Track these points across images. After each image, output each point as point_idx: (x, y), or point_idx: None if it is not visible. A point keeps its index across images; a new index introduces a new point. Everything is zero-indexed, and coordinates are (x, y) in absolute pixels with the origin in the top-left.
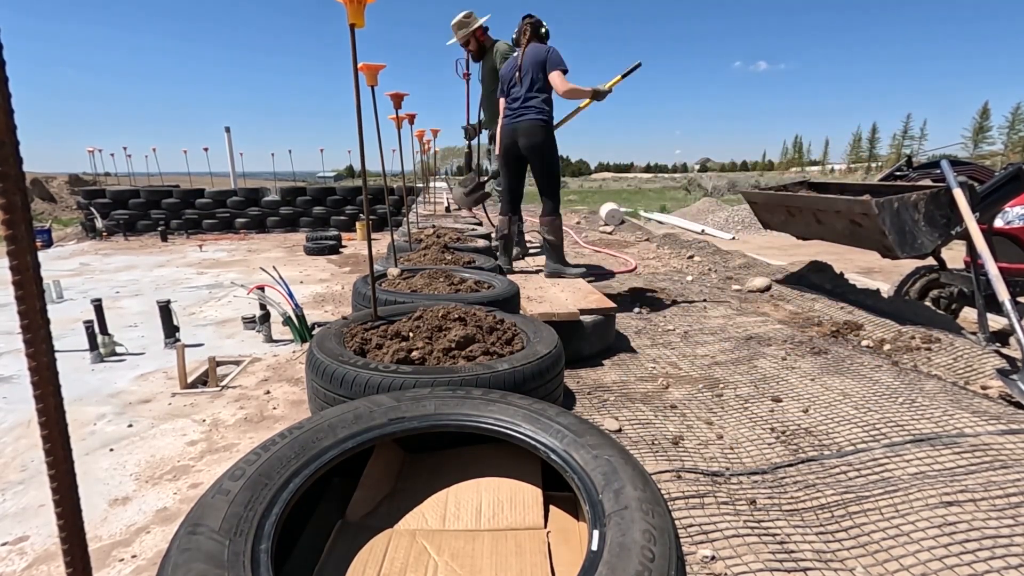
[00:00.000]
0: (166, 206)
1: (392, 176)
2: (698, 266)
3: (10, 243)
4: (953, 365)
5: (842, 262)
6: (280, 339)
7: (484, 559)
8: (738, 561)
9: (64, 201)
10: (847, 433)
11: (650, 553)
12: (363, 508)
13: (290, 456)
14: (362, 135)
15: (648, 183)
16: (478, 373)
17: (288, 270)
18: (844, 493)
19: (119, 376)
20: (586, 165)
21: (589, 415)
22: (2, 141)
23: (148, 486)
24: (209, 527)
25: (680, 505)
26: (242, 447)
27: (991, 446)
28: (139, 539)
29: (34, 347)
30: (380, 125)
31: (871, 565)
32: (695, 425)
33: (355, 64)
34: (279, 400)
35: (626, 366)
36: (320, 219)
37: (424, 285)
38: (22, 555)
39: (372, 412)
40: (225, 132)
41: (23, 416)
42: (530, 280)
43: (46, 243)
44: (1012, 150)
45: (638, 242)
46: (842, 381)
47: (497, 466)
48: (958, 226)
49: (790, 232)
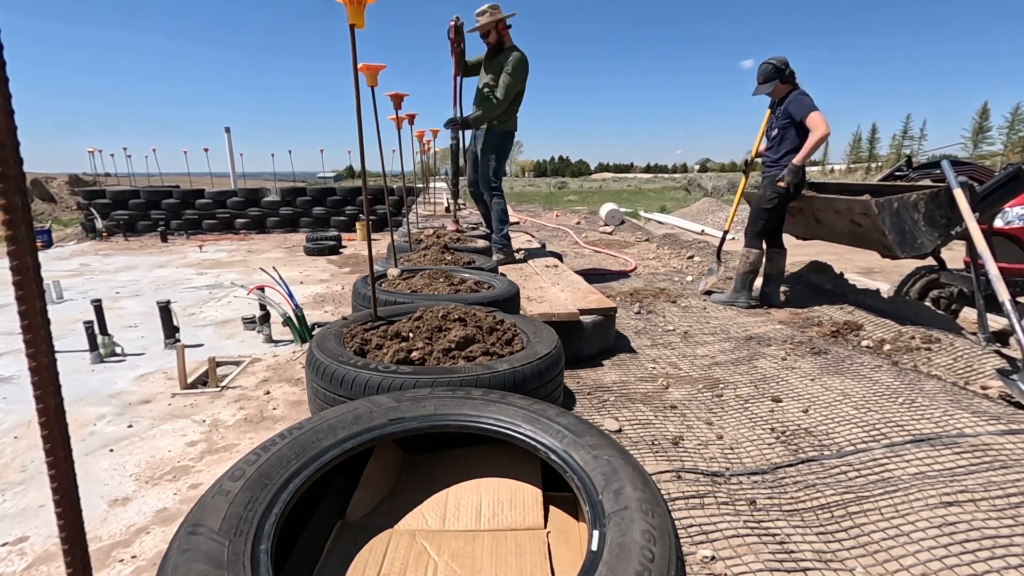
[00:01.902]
0: (166, 207)
1: (392, 176)
2: (698, 266)
3: (10, 243)
4: (953, 365)
5: (842, 262)
6: (280, 339)
7: (484, 559)
8: (738, 561)
9: (64, 201)
10: (847, 433)
11: (650, 553)
12: (363, 508)
13: (290, 456)
14: (362, 135)
15: (648, 183)
16: (478, 373)
17: (288, 270)
18: (844, 493)
19: (119, 376)
20: (586, 165)
21: (589, 415)
22: (2, 142)
23: (148, 486)
24: (209, 527)
25: (680, 505)
26: (242, 447)
27: (991, 446)
28: (139, 539)
29: (34, 347)
30: (380, 125)
31: (871, 565)
32: (695, 425)
33: (355, 64)
34: (279, 400)
35: (626, 366)
36: (320, 219)
37: (424, 285)
38: (22, 555)
39: (372, 412)
40: (225, 132)
41: (23, 416)
42: (530, 280)
43: (46, 243)
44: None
45: (638, 242)
46: (842, 381)
47: (497, 466)
48: (958, 226)
49: (790, 232)
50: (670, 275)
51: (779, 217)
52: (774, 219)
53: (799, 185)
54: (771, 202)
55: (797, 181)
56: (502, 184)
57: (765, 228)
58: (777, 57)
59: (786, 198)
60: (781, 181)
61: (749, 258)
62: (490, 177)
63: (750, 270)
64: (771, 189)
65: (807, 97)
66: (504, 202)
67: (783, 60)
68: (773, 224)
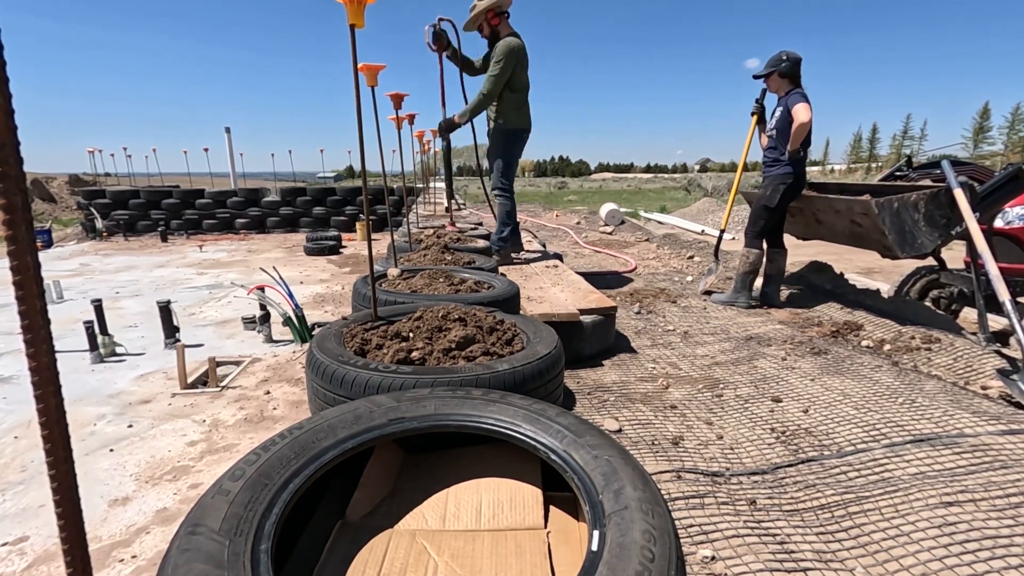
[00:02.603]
0: (166, 206)
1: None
2: (698, 266)
3: (10, 243)
4: (953, 365)
5: (842, 262)
6: (280, 339)
7: (484, 559)
8: (738, 561)
9: (64, 201)
10: (847, 433)
11: (650, 553)
12: (363, 508)
13: (290, 456)
14: (362, 135)
15: (648, 183)
16: (478, 373)
17: (288, 270)
18: (844, 493)
19: (119, 376)
20: (586, 165)
21: (589, 415)
22: (2, 141)
23: (148, 486)
24: (209, 527)
25: (680, 505)
26: (242, 447)
27: (991, 446)
28: (139, 539)
29: (34, 347)
30: (380, 125)
31: (871, 565)
32: (695, 425)
33: (355, 64)
34: (279, 400)
35: (626, 366)
36: (320, 219)
37: (424, 285)
38: (22, 555)
39: (372, 412)
40: (225, 132)
41: (23, 416)
42: (530, 280)
43: (46, 243)
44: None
45: (638, 242)
46: (842, 381)
47: (497, 466)
48: (958, 226)
49: (790, 232)
50: (670, 275)
51: (779, 217)
52: (774, 219)
53: (799, 185)
54: (771, 201)
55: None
56: (512, 185)
57: (765, 228)
58: (790, 52)
59: (787, 197)
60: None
61: (749, 258)
62: (496, 179)
63: (750, 270)
64: (771, 189)
65: (802, 95)
66: (510, 203)
67: (790, 55)
68: (773, 224)
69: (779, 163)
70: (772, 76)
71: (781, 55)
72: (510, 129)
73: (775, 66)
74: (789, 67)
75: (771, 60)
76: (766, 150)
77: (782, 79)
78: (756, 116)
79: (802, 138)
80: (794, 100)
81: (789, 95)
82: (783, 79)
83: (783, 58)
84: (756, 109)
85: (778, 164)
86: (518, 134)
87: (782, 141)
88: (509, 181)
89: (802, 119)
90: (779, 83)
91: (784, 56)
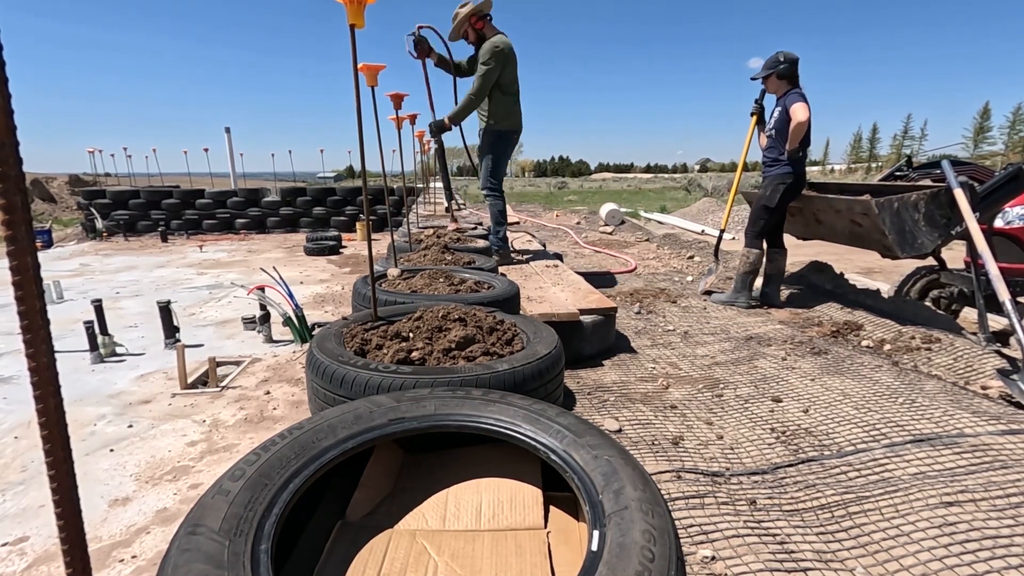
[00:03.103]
0: (166, 207)
1: (392, 176)
2: (698, 266)
3: (10, 243)
4: (953, 365)
5: (842, 262)
6: (280, 339)
7: (484, 559)
8: (738, 561)
9: (64, 201)
10: (847, 433)
11: (650, 553)
12: (363, 508)
13: (290, 456)
14: (362, 135)
15: (648, 183)
16: (478, 373)
17: (288, 270)
18: (844, 493)
19: (119, 377)
20: (586, 165)
21: (589, 415)
22: (2, 142)
23: (148, 487)
24: (209, 527)
25: (680, 505)
26: (242, 447)
27: (991, 446)
28: (139, 539)
29: (34, 348)
30: (380, 125)
31: (871, 565)
32: (695, 425)
33: (355, 64)
34: (279, 400)
35: (626, 366)
36: (320, 220)
37: (424, 285)
38: (22, 555)
39: (372, 412)
40: (225, 132)
41: (23, 416)
42: (530, 280)
43: (46, 243)
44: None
45: (638, 242)
46: (842, 381)
47: (497, 466)
48: (958, 226)
49: (790, 232)
50: (670, 275)
51: (779, 217)
52: (774, 219)
53: (798, 185)
54: (771, 201)
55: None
56: (502, 185)
57: (765, 228)
58: (787, 53)
59: (786, 197)
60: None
61: (749, 258)
62: (484, 178)
63: (750, 270)
64: (771, 188)
65: (799, 95)
66: (501, 203)
67: (788, 55)
68: (773, 224)
69: (778, 163)
70: (770, 78)
71: (778, 56)
72: (500, 130)
73: (773, 68)
74: (787, 68)
75: (768, 62)
76: (765, 150)
77: (780, 80)
78: (755, 116)
79: (800, 137)
80: (792, 100)
81: (787, 95)
82: (781, 80)
83: (780, 59)
84: (755, 109)
85: (777, 164)
86: (508, 135)
87: (781, 141)
88: (498, 180)
89: (800, 118)
90: (777, 84)
91: (781, 57)
